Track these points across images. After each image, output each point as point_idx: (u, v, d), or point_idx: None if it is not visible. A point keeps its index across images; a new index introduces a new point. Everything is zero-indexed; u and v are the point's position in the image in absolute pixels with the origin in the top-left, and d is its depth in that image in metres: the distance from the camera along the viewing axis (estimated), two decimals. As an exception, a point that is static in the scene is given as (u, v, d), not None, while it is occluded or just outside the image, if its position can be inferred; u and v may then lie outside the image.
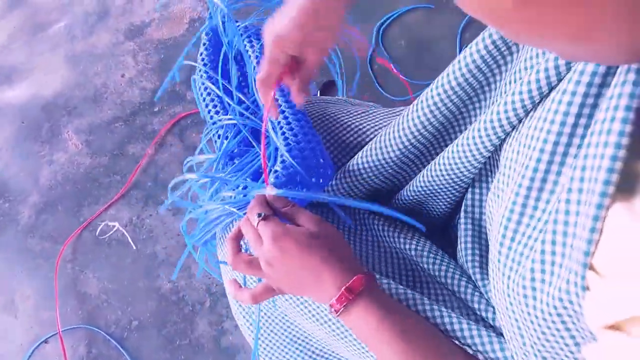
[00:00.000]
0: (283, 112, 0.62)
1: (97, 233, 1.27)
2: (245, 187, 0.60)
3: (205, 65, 0.71)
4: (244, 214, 0.59)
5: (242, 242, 0.54)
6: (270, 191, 0.52)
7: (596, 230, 0.30)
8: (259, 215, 0.50)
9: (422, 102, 0.56)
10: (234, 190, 0.60)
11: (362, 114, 0.72)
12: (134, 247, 1.24)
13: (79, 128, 1.41)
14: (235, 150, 0.65)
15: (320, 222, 0.50)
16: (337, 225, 0.64)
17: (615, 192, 0.29)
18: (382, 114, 0.72)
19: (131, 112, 1.40)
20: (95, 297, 1.20)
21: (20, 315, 1.22)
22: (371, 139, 0.68)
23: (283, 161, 0.58)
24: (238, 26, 0.70)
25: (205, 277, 1.17)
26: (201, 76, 0.70)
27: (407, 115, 0.57)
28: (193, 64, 0.71)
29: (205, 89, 0.70)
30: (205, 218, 0.61)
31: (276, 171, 0.57)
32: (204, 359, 1.11)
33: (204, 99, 0.70)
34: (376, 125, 0.69)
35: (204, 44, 0.73)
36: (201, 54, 0.73)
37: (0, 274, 1.27)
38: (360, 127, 0.69)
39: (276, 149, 0.63)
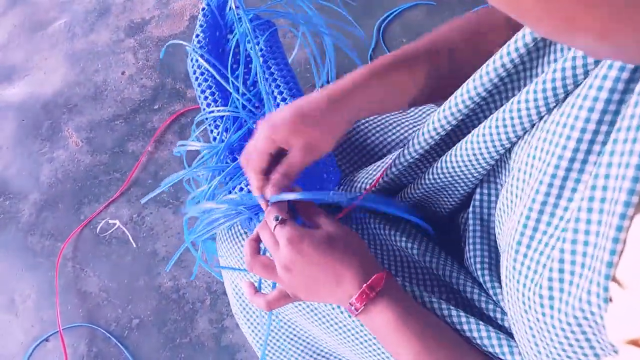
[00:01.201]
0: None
1: (97, 231, 1.27)
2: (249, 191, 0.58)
3: (201, 47, 0.63)
4: (246, 214, 0.58)
5: (261, 245, 0.54)
6: (285, 196, 0.51)
7: (619, 241, 0.30)
8: (276, 218, 0.49)
9: (446, 108, 0.53)
10: (234, 192, 0.59)
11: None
12: (135, 245, 1.24)
13: (79, 126, 1.41)
14: (235, 145, 0.62)
15: (337, 224, 0.50)
16: None
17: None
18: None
19: (131, 109, 1.40)
20: (95, 295, 1.20)
21: (21, 313, 1.22)
22: (376, 137, 0.67)
23: None
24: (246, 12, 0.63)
25: (206, 275, 1.17)
26: (197, 60, 0.63)
27: (433, 116, 0.55)
28: (184, 43, 0.64)
29: (202, 73, 0.63)
30: (207, 217, 0.60)
31: None
32: (205, 357, 1.10)
33: (200, 84, 0.63)
34: (379, 123, 0.69)
35: (201, 25, 0.65)
36: (197, 35, 0.64)
37: (0, 273, 1.27)
38: (362, 123, 0.69)
39: None
